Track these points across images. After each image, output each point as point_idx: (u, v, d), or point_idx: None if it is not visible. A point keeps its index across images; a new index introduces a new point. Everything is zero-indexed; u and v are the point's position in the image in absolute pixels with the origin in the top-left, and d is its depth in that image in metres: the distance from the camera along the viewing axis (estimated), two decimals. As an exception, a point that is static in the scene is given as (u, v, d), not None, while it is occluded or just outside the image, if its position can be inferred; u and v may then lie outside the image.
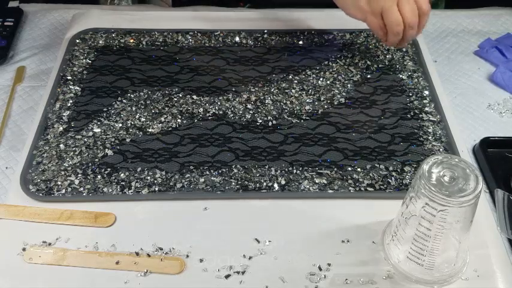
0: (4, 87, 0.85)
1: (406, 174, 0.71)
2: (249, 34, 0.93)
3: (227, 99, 0.81)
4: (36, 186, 0.69)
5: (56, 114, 0.78)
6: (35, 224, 0.65)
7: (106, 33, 0.92)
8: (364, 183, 0.70)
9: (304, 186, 0.69)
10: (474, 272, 0.62)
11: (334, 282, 0.60)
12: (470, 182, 0.53)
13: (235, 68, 0.87)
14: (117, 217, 0.66)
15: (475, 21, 0.99)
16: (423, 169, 0.54)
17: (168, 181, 0.69)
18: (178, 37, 0.92)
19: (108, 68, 0.86)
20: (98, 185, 0.69)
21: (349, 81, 0.84)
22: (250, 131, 0.76)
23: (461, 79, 0.88)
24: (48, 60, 0.90)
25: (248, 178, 0.70)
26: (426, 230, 0.55)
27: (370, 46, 0.91)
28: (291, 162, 0.72)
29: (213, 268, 0.61)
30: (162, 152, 0.73)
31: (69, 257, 0.62)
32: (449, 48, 0.94)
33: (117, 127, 0.76)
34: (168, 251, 0.63)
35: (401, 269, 0.61)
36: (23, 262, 0.62)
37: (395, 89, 0.83)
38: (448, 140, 0.75)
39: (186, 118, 0.78)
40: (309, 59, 0.88)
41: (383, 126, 0.77)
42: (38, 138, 0.74)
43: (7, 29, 0.93)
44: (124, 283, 0.60)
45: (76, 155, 0.72)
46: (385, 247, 0.63)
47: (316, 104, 0.81)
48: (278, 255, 0.63)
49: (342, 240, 0.64)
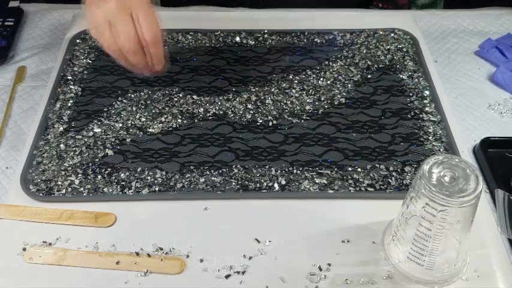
0: (4, 87, 0.85)
1: (406, 175, 0.71)
2: (250, 34, 0.93)
3: (227, 99, 0.81)
4: (37, 186, 0.69)
5: (56, 114, 0.78)
6: (35, 224, 0.65)
7: (106, 33, 0.92)
8: (364, 183, 0.70)
9: (304, 186, 0.69)
10: (474, 272, 0.62)
11: (335, 282, 0.60)
12: (471, 182, 0.53)
13: (236, 68, 0.87)
14: (117, 217, 0.66)
15: (475, 21, 0.99)
16: (423, 169, 0.54)
17: (168, 181, 0.70)
18: (178, 37, 0.92)
19: (108, 68, 0.86)
20: (98, 185, 0.69)
21: (349, 81, 0.84)
22: (251, 131, 0.76)
23: (462, 79, 0.88)
24: (49, 60, 0.90)
25: (248, 178, 0.70)
26: (426, 230, 0.55)
27: (370, 46, 0.91)
28: (291, 162, 0.72)
29: (213, 268, 0.61)
30: (163, 152, 0.73)
31: (69, 257, 0.62)
32: (449, 48, 0.94)
33: (117, 127, 0.76)
34: (168, 251, 0.63)
35: (402, 269, 0.61)
36: (23, 262, 0.62)
37: (396, 89, 0.83)
38: (448, 140, 0.75)
39: (186, 118, 0.78)
40: (309, 59, 0.88)
41: (383, 126, 0.77)
42: (38, 138, 0.74)
43: (7, 29, 0.93)
44: (124, 283, 0.60)
45: (76, 155, 0.72)
46: (386, 247, 0.63)
47: (317, 104, 0.81)
48: (278, 255, 0.63)
49: (342, 240, 0.64)
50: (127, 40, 0.64)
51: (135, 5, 0.64)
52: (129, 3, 0.64)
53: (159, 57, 0.67)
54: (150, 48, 0.65)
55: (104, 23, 0.64)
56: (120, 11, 0.63)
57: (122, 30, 0.64)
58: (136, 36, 0.64)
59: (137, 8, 0.64)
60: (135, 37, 0.64)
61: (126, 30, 0.64)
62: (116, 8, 0.63)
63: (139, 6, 0.64)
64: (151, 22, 0.64)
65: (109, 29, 0.64)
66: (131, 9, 0.64)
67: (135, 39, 0.64)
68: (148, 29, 0.64)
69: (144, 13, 0.64)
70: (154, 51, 0.66)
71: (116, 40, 0.64)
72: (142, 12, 0.64)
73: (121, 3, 0.63)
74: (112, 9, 0.63)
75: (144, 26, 0.64)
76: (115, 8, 0.63)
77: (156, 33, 0.65)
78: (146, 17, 0.64)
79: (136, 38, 0.64)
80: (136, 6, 0.64)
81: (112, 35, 0.64)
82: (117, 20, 0.64)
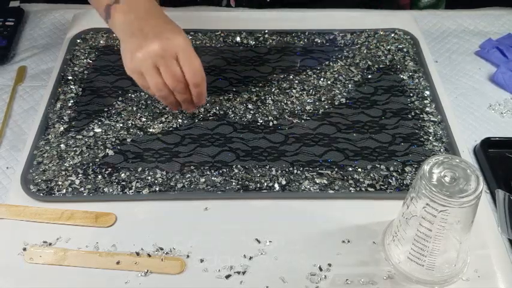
0: (5, 87, 0.85)
1: (406, 175, 0.71)
2: (250, 34, 0.93)
3: (228, 99, 0.81)
4: (37, 186, 0.69)
5: (56, 114, 0.78)
6: (35, 224, 0.65)
7: (107, 33, 0.92)
8: (364, 184, 0.70)
9: (304, 186, 0.69)
10: (475, 273, 0.62)
11: (335, 282, 0.60)
12: (471, 183, 0.53)
13: (236, 68, 0.87)
14: (117, 217, 0.66)
15: (476, 21, 0.99)
16: (424, 169, 0.54)
17: (168, 181, 0.70)
18: (179, 37, 0.92)
19: (109, 68, 0.86)
20: (99, 185, 0.69)
21: (350, 82, 0.84)
22: (251, 131, 0.76)
23: (462, 79, 0.88)
24: (49, 60, 0.90)
25: (249, 178, 0.70)
26: (427, 231, 0.55)
27: (371, 46, 0.91)
28: (292, 163, 0.72)
29: (214, 268, 0.61)
30: (163, 152, 0.73)
31: (69, 257, 0.62)
32: (450, 49, 0.94)
33: (117, 127, 0.76)
34: (168, 251, 0.63)
35: (402, 270, 0.61)
36: (23, 262, 0.62)
37: (396, 89, 0.83)
38: (448, 140, 0.75)
39: (186, 118, 0.78)
40: (309, 59, 0.88)
41: (384, 127, 0.77)
42: (39, 138, 0.74)
43: (8, 29, 0.93)
44: (124, 283, 0.60)
45: (77, 155, 0.72)
46: (386, 247, 0.63)
47: (317, 104, 0.81)
48: (278, 255, 0.63)
49: (342, 241, 0.64)
50: (175, 81, 0.67)
51: (179, 48, 0.67)
52: (173, 46, 0.66)
53: (202, 96, 0.71)
54: (194, 88, 0.69)
55: (152, 67, 0.67)
56: (166, 54, 0.66)
57: (168, 72, 0.67)
58: (183, 77, 0.68)
59: (180, 51, 0.67)
60: (182, 77, 0.68)
61: (172, 72, 0.67)
62: (160, 51, 0.66)
63: (183, 49, 0.67)
64: (194, 64, 0.68)
65: (156, 72, 0.67)
66: (175, 52, 0.67)
67: (182, 79, 0.68)
68: (192, 71, 0.68)
69: (187, 56, 0.67)
70: (198, 90, 0.69)
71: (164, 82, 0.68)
72: (186, 55, 0.67)
73: (165, 46, 0.66)
74: (156, 52, 0.66)
75: (188, 69, 0.67)
76: (159, 51, 0.66)
77: (200, 74, 0.68)
78: (190, 60, 0.67)
79: (183, 78, 0.68)
80: (180, 49, 0.67)
81: (160, 77, 0.67)
82: (163, 64, 0.66)
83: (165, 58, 0.66)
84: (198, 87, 0.69)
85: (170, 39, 0.66)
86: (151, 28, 0.68)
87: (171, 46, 0.66)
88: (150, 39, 0.66)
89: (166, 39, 0.66)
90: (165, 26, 0.69)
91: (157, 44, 0.66)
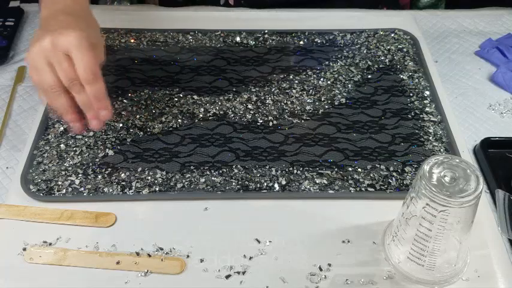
0: (5, 87, 0.85)
1: (406, 175, 0.71)
2: (250, 34, 0.93)
3: (228, 99, 0.81)
4: (37, 186, 0.69)
5: (56, 114, 0.78)
6: (35, 224, 0.65)
7: (107, 33, 0.92)
8: (364, 184, 0.70)
9: (304, 186, 0.69)
10: (475, 273, 0.62)
11: (335, 282, 0.60)
12: (471, 183, 0.53)
13: (236, 68, 0.87)
14: (117, 217, 0.66)
15: (476, 21, 0.99)
16: (424, 169, 0.54)
17: (168, 181, 0.70)
18: (179, 37, 0.92)
19: (108, 67, 0.86)
20: (99, 185, 0.69)
21: (349, 82, 0.84)
22: (251, 131, 0.76)
23: (462, 79, 0.88)
24: (49, 60, 0.90)
25: (249, 178, 0.70)
26: (427, 231, 0.55)
27: (370, 46, 0.91)
28: (292, 163, 0.72)
29: (214, 268, 0.61)
30: (163, 152, 0.73)
31: (69, 257, 0.62)
32: (450, 49, 0.94)
33: (117, 127, 0.76)
34: (168, 251, 0.63)
35: (402, 270, 0.61)
36: (23, 262, 0.62)
37: (396, 89, 0.83)
38: (448, 140, 0.75)
39: (186, 118, 0.78)
40: (309, 59, 0.88)
41: (384, 127, 0.77)
42: (39, 138, 0.74)
43: (8, 29, 0.92)
44: (124, 283, 0.60)
45: (77, 155, 0.72)
46: (386, 247, 0.63)
47: (317, 104, 0.81)
48: (278, 255, 0.63)
49: (342, 241, 0.64)
50: (67, 78, 0.63)
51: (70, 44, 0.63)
52: (63, 41, 0.63)
53: (100, 98, 0.66)
54: (87, 86, 0.64)
55: (45, 63, 0.63)
56: (56, 49, 0.63)
57: (60, 69, 0.63)
58: (75, 74, 0.63)
59: (72, 47, 0.63)
60: (74, 74, 0.63)
61: (63, 68, 0.63)
62: (50, 46, 0.63)
63: (74, 45, 0.63)
64: (84, 60, 0.63)
65: (50, 68, 0.63)
66: (67, 48, 0.63)
67: (74, 76, 0.63)
68: (82, 68, 0.63)
69: (78, 52, 0.63)
70: (93, 90, 0.64)
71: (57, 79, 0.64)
72: (77, 51, 0.63)
73: (55, 41, 0.63)
74: (46, 47, 0.63)
75: (78, 65, 0.63)
76: (49, 46, 0.63)
77: (90, 71, 0.63)
78: (81, 56, 0.63)
79: (75, 75, 0.63)
80: (71, 45, 0.63)
81: (54, 74, 0.63)
82: (55, 60, 0.63)
83: (56, 54, 0.63)
84: (90, 85, 0.64)
85: (62, 35, 0.63)
86: (55, 23, 0.65)
87: (61, 41, 0.63)
88: (45, 34, 0.64)
89: (58, 34, 0.63)
90: (69, 23, 0.65)
91: (48, 39, 0.63)
